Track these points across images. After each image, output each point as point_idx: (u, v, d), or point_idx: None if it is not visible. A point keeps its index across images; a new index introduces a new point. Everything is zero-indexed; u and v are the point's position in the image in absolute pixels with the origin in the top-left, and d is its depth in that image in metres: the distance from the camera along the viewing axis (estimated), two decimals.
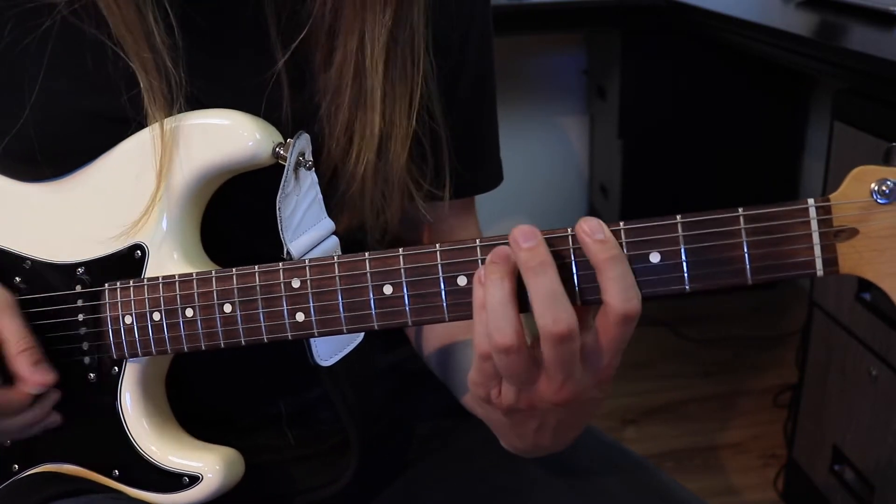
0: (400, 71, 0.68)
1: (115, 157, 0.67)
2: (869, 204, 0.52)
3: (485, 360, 0.56)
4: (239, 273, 0.63)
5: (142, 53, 0.64)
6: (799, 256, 0.53)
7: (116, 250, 0.68)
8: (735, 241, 0.53)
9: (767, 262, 0.53)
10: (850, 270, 0.53)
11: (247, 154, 0.64)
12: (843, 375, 1.45)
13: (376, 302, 0.60)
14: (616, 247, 0.54)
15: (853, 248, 0.52)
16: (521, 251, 0.54)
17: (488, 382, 0.58)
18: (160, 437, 0.69)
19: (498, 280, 0.54)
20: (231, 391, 0.78)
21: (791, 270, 0.53)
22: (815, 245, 0.53)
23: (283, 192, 0.64)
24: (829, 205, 0.53)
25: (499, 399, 0.59)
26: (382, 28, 0.66)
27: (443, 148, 0.74)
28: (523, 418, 0.61)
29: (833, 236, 0.52)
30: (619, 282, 0.53)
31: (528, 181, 2.65)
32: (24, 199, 0.70)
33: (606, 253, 0.53)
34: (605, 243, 0.53)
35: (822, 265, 0.53)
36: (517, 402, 0.58)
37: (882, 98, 1.30)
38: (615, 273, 0.53)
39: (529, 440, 0.63)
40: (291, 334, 0.63)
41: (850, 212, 0.52)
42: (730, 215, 0.53)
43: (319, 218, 0.69)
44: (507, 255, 0.55)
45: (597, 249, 0.53)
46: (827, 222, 0.52)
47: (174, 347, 0.66)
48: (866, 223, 0.52)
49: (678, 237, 0.54)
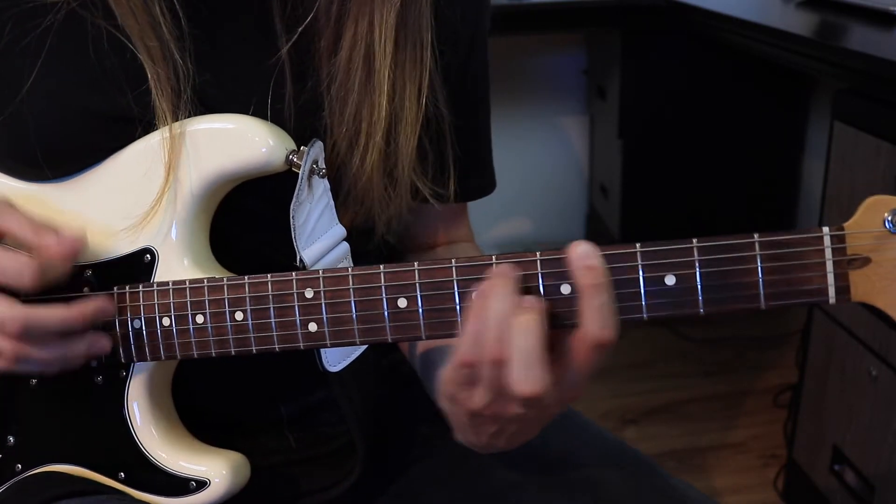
0: (410, 53, 0.68)
1: (124, 159, 0.67)
2: (882, 234, 0.53)
3: (467, 367, 0.57)
4: (251, 281, 0.63)
5: (148, 42, 0.64)
6: (812, 284, 0.54)
7: (126, 253, 0.68)
8: (750, 267, 0.54)
9: (781, 288, 0.54)
10: (862, 298, 0.54)
11: (260, 161, 0.64)
12: (843, 375, 1.45)
13: (390, 315, 0.60)
14: (605, 275, 0.55)
15: (865, 276, 0.53)
16: (517, 307, 0.55)
17: (463, 386, 0.59)
18: (167, 441, 0.70)
19: (502, 294, 0.55)
20: (233, 395, 0.78)
21: (804, 297, 0.54)
22: (828, 273, 0.54)
23: (297, 201, 0.64)
24: (843, 234, 0.53)
25: (467, 402, 0.59)
26: (392, 9, 0.66)
27: (447, 141, 0.74)
28: (484, 422, 0.61)
29: (846, 265, 0.53)
30: (600, 310, 0.54)
31: (528, 181, 2.65)
32: (30, 199, 0.70)
33: (592, 279, 0.54)
34: (593, 270, 0.54)
35: (835, 293, 0.54)
36: (484, 409, 0.59)
37: (882, 98, 1.30)
38: (598, 301, 0.54)
39: (484, 440, 0.64)
40: (304, 344, 0.63)
41: (863, 241, 0.53)
42: (745, 241, 0.54)
43: (331, 225, 0.69)
44: (512, 271, 0.56)
45: (583, 274, 0.54)
46: (841, 251, 0.53)
47: (183, 353, 0.66)
48: (879, 252, 0.53)
49: (694, 261, 0.55)
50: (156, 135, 0.66)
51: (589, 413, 0.79)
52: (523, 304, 0.55)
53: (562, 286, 0.57)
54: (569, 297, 0.56)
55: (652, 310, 0.56)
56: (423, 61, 0.69)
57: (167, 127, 0.64)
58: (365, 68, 0.67)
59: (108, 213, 0.68)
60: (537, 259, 0.57)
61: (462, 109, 0.75)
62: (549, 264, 0.57)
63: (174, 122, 0.65)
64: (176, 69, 0.64)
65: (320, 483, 0.78)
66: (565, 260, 0.56)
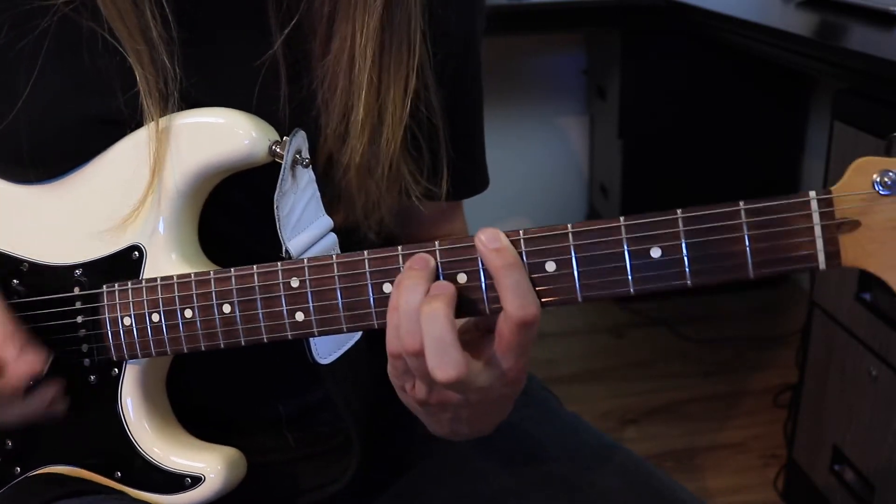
0: (395, 55, 0.68)
1: (111, 158, 0.67)
2: (871, 196, 0.51)
3: (396, 358, 0.58)
4: (237, 273, 0.63)
5: (137, 46, 0.64)
6: (801, 250, 0.52)
7: (114, 251, 0.68)
8: (736, 235, 0.53)
9: (769, 255, 0.53)
10: (853, 263, 0.52)
11: (243, 153, 0.64)
12: (843, 375, 1.45)
13: (376, 301, 0.60)
14: (512, 255, 0.55)
15: (855, 240, 0.52)
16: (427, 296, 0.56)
17: (402, 377, 0.60)
18: (162, 438, 0.69)
19: (413, 285, 0.56)
20: (229, 393, 0.78)
21: (793, 264, 0.53)
22: (817, 238, 0.52)
23: (281, 191, 0.64)
24: (830, 197, 0.52)
25: (412, 392, 0.61)
26: (373, 13, 0.66)
27: (440, 141, 0.74)
28: (436, 411, 0.62)
29: (835, 229, 0.52)
30: (515, 289, 0.55)
31: (528, 181, 2.65)
32: (21, 201, 0.70)
33: (501, 261, 0.55)
34: (500, 251, 0.55)
35: (825, 258, 0.52)
36: (428, 398, 0.60)
37: (882, 98, 1.30)
38: (510, 281, 0.55)
39: (446, 428, 0.65)
40: (291, 334, 0.63)
41: (852, 204, 0.51)
42: (731, 209, 0.53)
43: (317, 216, 0.68)
44: (426, 261, 0.57)
45: (492, 258, 0.55)
46: (829, 215, 0.52)
47: (174, 348, 0.66)
48: (868, 215, 0.51)
49: (679, 232, 0.54)
50: (141, 132, 0.66)
51: (589, 413, 0.79)
52: (431, 292, 0.56)
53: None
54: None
55: (638, 283, 0.55)
56: (410, 63, 0.69)
57: (152, 123, 0.64)
58: (350, 69, 0.67)
59: (96, 213, 0.68)
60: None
61: (457, 110, 0.75)
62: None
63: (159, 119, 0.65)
64: (165, 73, 0.64)
65: (318, 481, 0.78)
66: (473, 248, 0.56)
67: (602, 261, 0.55)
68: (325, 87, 0.68)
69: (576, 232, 0.55)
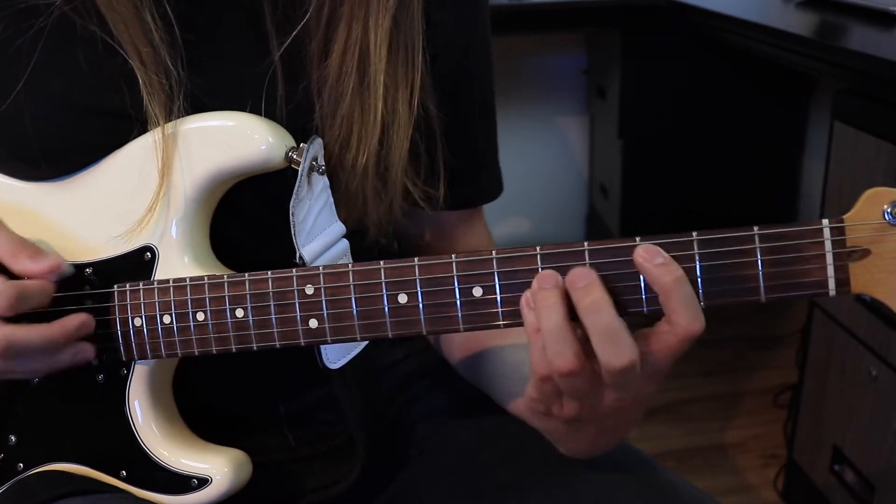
0: (402, 56, 0.68)
1: (121, 158, 0.67)
2: (882, 226, 0.53)
3: (545, 381, 0.57)
4: (252, 278, 0.63)
5: (140, 48, 0.64)
6: (812, 276, 0.54)
7: (126, 252, 0.68)
8: (749, 260, 0.54)
9: (781, 280, 0.54)
10: (862, 290, 0.54)
11: (260, 158, 0.64)
12: (843, 375, 1.45)
13: (391, 311, 0.60)
14: (678, 268, 0.54)
15: (865, 268, 0.54)
16: (576, 290, 0.55)
17: (549, 400, 0.59)
18: (169, 439, 0.69)
19: (552, 305, 0.55)
20: (233, 394, 0.78)
21: (804, 290, 0.54)
22: (828, 265, 0.54)
23: (297, 197, 0.64)
24: (843, 226, 0.54)
25: (561, 412, 0.60)
26: (386, 12, 0.66)
27: (436, 144, 0.74)
28: (583, 426, 0.62)
29: (846, 257, 0.54)
30: (688, 302, 0.54)
31: (528, 181, 2.65)
32: (29, 198, 0.70)
33: (671, 275, 0.54)
34: (667, 266, 0.54)
35: (835, 285, 0.54)
36: (580, 412, 0.59)
37: (882, 98, 1.30)
38: (682, 294, 0.54)
39: (585, 446, 0.65)
40: (304, 340, 0.63)
41: (863, 233, 0.53)
42: (745, 234, 0.54)
43: (330, 222, 0.69)
44: (555, 278, 0.56)
45: (660, 273, 0.54)
46: (840, 243, 0.54)
47: (184, 351, 0.66)
48: (879, 244, 0.53)
49: (694, 255, 0.55)
50: (152, 134, 0.66)
51: None
52: (578, 284, 0.55)
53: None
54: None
55: (651, 303, 0.56)
56: (416, 64, 0.69)
57: (160, 128, 0.64)
58: (359, 71, 0.67)
59: (108, 211, 0.68)
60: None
61: (457, 113, 0.75)
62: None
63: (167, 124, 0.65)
64: (168, 75, 0.65)
65: (320, 481, 0.78)
66: (631, 261, 0.55)
67: (617, 280, 0.56)
68: (328, 88, 0.68)
69: (591, 250, 0.56)
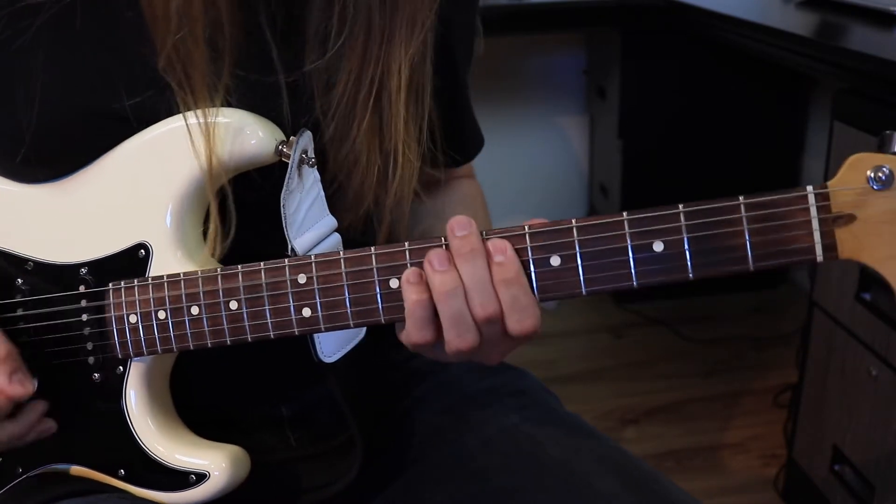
0: (415, 97, 0.70)
1: (117, 157, 0.67)
2: (865, 190, 0.53)
3: None
4: (244, 270, 0.63)
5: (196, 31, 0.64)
6: (799, 242, 0.54)
7: (120, 250, 0.68)
8: (736, 229, 0.55)
9: (768, 248, 0.55)
10: (849, 255, 0.54)
11: (250, 152, 0.65)
12: (843, 375, 1.45)
13: (383, 296, 0.61)
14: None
15: (851, 233, 0.54)
16: (455, 239, 0.58)
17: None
18: (166, 436, 0.69)
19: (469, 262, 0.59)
20: (232, 393, 0.78)
21: (792, 256, 0.55)
22: (814, 231, 0.54)
23: (287, 190, 0.65)
24: (827, 191, 0.54)
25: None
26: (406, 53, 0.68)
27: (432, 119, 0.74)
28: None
29: (832, 222, 0.54)
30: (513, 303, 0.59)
31: (528, 181, 2.65)
32: (24, 200, 0.70)
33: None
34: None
35: (822, 250, 0.54)
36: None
37: (882, 98, 1.30)
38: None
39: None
40: (298, 330, 0.63)
41: (847, 198, 0.54)
42: (731, 203, 0.55)
43: (322, 215, 0.69)
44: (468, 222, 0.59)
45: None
46: (825, 209, 0.54)
47: (179, 346, 0.66)
48: (863, 209, 0.54)
49: (681, 226, 0.56)
50: (146, 131, 0.66)
51: (589, 413, 0.79)
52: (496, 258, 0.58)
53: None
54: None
55: (641, 277, 0.56)
56: (425, 25, 0.69)
57: (155, 125, 0.65)
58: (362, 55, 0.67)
59: (102, 212, 0.68)
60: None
61: (455, 83, 0.77)
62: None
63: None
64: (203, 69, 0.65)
65: (320, 480, 0.78)
66: (529, 236, 0.58)
67: (606, 255, 0.57)
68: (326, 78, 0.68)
69: (580, 226, 0.57)
